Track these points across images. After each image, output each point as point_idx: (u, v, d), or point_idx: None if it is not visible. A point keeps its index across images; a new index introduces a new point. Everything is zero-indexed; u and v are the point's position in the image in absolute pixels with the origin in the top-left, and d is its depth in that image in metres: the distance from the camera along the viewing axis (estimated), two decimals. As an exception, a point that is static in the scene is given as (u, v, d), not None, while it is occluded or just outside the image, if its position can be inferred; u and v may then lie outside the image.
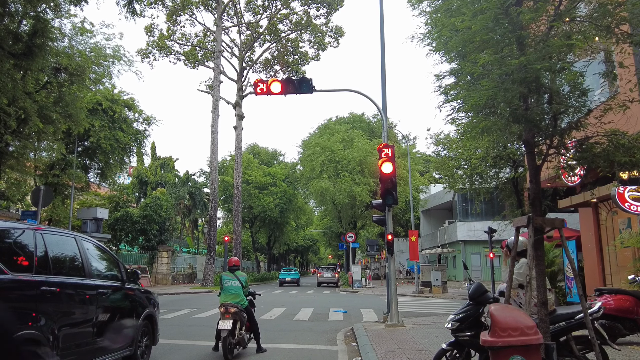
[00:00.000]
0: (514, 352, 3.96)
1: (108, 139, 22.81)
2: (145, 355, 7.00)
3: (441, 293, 25.01)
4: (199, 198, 50.76)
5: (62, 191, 22.68)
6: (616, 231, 13.10)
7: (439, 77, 5.84)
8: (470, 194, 19.76)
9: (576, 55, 5.50)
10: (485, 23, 4.79)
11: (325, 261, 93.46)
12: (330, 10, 34.50)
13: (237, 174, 34.21)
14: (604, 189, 10.84)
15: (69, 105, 15.18)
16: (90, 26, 17.40)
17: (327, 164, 36.84)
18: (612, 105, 5.48)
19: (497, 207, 32.99)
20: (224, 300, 8.05)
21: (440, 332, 9.88)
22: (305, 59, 36.44)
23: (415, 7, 6.14)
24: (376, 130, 44.44)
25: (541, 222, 5.12)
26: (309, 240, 78.40)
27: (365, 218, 41.61)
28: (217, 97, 31.58)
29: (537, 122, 5.24)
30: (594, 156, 5.38)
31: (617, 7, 4.85)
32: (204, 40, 35.18)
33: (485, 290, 5.62)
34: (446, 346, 5.64)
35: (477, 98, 4.89)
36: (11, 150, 15.43)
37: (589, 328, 4.88)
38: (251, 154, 51.61)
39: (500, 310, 4.25)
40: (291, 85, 11.49)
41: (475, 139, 6.64)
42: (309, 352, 8.51)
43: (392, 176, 11.09)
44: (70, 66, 14.89)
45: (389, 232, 11.57)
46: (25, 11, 12.00)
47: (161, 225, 33.84)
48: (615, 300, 8.13)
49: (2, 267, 4.42)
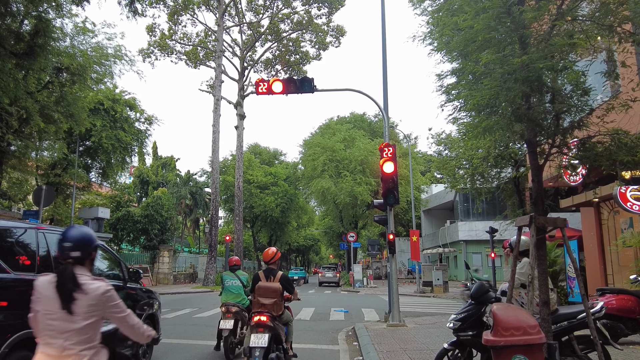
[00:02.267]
0: (517, 352, 3.95)
1: (109, 139, 22.82)
2: (147, 354, 7.01)
3: (442, 293, 25.00)
4: (200, 198, 50.78)
5: (63, 191, 22.72)
6: (618, 231, 13.08)
7: (440, 76, 5.84)
8: (471, 193, 19.72)
9: (578, 54, 5.49)
10: (487, 22, 4.78)
11: (327, 261, 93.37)
12: (331, 10, 34.47)
13: (239, 174, 34.20)
14: (606, 189, 10.82)
15: (70, 105, 15.20)
16: (92, 26, 17.42)
17: (328, 163, 36.83)
18: (614, 104, 5.47)
19: (499, 206, 32.93)
20: (225, 300, 8.05)
21: (441, 332, 9.87)
22: (306, 58, 36.43)
23: (417, 7, 6.13)
24: (377, 129, 44.41)
25: (543, 222, 5.12)
26: (310, 240, 78.37)
27: (366, 218, 41.59)
28: (218, 97, 31.59)
29: (539, 122, 5.23)
30: (596, 155, 5.37)
31: (619, 6, 4.84)
32: (206, 39, 35.18)
33: (487, 289, 5.62)
34: (448, 346, 5.64)
35: (480, 97, 4.89)
36: (13, 149, 15.47)
37: (591, 328, 4.87)
38: (252, 153, 51.59)
39: (503, 310, 4.24)
40: (293, 84, 11.49)
41: (476, 138, 6.65)
42: (310, 352, 8.50)
43: (394, 176, 11.08)
44: (72, 66, 14.91)
45: (391, 231, 11.56)
46: (27, 11, 12.01)
47: (162, 224, 33.86)
48: (617, 300, 8.12)
49: (5, 266, 4.43)
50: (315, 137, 42.20)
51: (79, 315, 2.55)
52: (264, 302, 6.01)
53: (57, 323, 2.55)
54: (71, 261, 2.66)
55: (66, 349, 2.52)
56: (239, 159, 34.89)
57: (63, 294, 2.58)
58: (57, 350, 2.53)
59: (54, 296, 2.59)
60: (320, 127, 45.07)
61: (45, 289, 2.62)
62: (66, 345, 2.52)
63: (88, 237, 2.74)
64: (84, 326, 2.56)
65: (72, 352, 2.52)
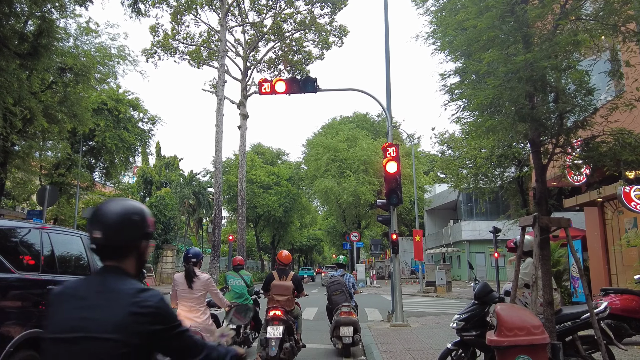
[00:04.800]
0: (521, 352, 3.94)
1: (113, 139, 22.87)
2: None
3: (446, 293, 24.96)
4: (203, 197, 50.84)
5: (67, 190, 22.77)
6: (622, 231, 13.03)
7: (443, 76, 5.83)
8: (475, 193, 19.66)
9: (582, 53, 5.47)
10: (491, 21, 4.77)
11: (330, 260, 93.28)
12: (334, 10, 34.43)
13: (242, 174, 34.21)
14: (610, 188, 10.78)
15: (74, 105, 15.23)
16: (95, 26, 17.47)
17: (331, 163, 36.82)
18: (618, 104, 5.45)
19: (502, 206, 32.87)
20: (228, 299, 8.06)
21: (445, 332, 9.85)
22: (309, 58, 36.40)
23: (420, 6, 6.12)
24: (380, 129, 44.37)
25: (547, 222, 5.10)
26: (313, 240, 78.35)
27: (369, 217, 41.57)
28: (221, 97, 31.60)
29: (543, 121, 5.22)
30: (600, 155, 5.35)
31: (623, 5, 4.82)
32: (208, 40, 35.21)
33: (490, 289, 5.61)
34: (451, 346, 5.63)
35: (483, 97, 4.87)
36: (17, 149, 15.50)
37: (595, 328, 4.85)
38: (255, 153, 51.64)
39: (507, 310, 4.24)
40: (295, 84, 11.50)
41: (480, 138, 6.63)
42: (313, 352, 8.50)
43: (397, 175, 11.07)
44: (75, 66, 14.94)
45: (394, 231, 11.55)
46: (31, 11, 12.04)
47: (166, 224, 33.93)
48: (621, 300, 8.10)
49: (9, 266, 4.44)
50: (318, 137, 42.20)
51: (196, 290, 5.35)
52: (278, 299, 6.93)
53: (185, 294, 5.37)
54: (192, 263, 5.41)
55: (192, 306, 5.34)
56: (242, 158, 34.89)
57: (188, 279, 5.35)
58: (187, 307, 5.36)
59: (183, 281, 5.38)
60: (323, 126, 45.10)
61: (180, 278, 5.45)
62: (190, 305, 5.36)
63: (200, 252, 5.66)
64: (199, 296, 5.43)
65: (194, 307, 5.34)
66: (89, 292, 1.73)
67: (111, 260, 1.83)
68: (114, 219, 1.79)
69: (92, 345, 1.60)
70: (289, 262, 7.49)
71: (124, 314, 1.63)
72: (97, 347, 1.60)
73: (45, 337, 1.71)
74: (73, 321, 1.65)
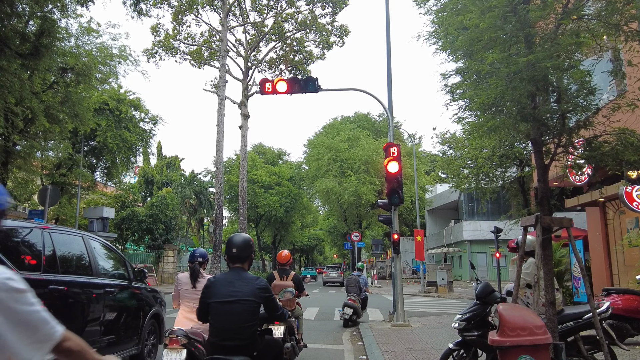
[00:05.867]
0: (523, 352, 3.94)
1: (114, 139, 22.87)
2: (152, 354, 7.03)
3: (447, 293, 24.94)
4: (204, 197, 50.87)
5: (68, 190, 22.79)
6: (624, 231, 13.02)
7: (445, 75, 5.83)
8: (476, 193, 19.68)
9: (584, 53, 5.46)
10: (493, 21, 4.76)
11: (331, 260, 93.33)
12: (335, 10, 34.41)
13: (243, 174, 34.19)
14: (612, 188, 10.76)
15: (75, 105, 15.23)
16: (97, 26, 17.45)
17: (332, 163, 36.80)
18: (620, 103, 5.44)
19: (503, 206, 32.87)
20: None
21: (446, 332, 9.84)
22: (310, 58, 36.37)
23: (421, 6, 6.11)
24: (382, 129, 44.35)
25: (549, 222, 5.09)
26: (314, 240, 78.38)
27: (370, 217, 41.55)
28: (222, 97, 31.60)
29: (545, 121, 5.21)
30: (602, 155, 5.34)
31: (625, 5, 4.81)
32: (210, 40, 35.21)
33: (492, 289, 5.60)
34: (453, 346, 5.62)
35: (485, 96, 4.87)
36: (18, 149, 15.51)
37: (597, 328, 4.84)
38: (256, 153, 51.64)
39: (509, 310, 4.23)
40: (297, 84, 11.49)
41: (481, 137, 6.63)
42: (314, 352, 8.50)
43: (398, 175, 11.06)
44: (76, 66, 14.94)
45: (395, 231, 11.54)
46: (33, 11, 12.04)
47: (167, 224, 33.94)
48: (623, 300, 8.08)
49: (11, 265, 4.44)
50: (319, 137, 42.18)
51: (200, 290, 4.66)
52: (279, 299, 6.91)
53: (189, 294, 5.25)
54: (197, 263, 5.37)
55: (194, 306, 4.76)
56: (243, 158, 34.88)
57: (193, 278, 5.28)
58: (190, 307, 5.14)
59: (188, 280, 5.32)
60: (325, 126, 45.08)
61: (184, 277, 5.40)
62: (193, 305, 4.97)
63: (206, 253, 5.60)
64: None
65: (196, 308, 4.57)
66: (233, 278, 3.74)
67: (239, 264, 3.85)
68: (241, 242, 3.89)
69: (242, 303, 3.62)
70: (288, 262, 7.60)
71: (254, 288, 3.70)
72: (244, 304, 3.62)
73: (213, 301, 3.67)
74: (230, 292, 3.65)
